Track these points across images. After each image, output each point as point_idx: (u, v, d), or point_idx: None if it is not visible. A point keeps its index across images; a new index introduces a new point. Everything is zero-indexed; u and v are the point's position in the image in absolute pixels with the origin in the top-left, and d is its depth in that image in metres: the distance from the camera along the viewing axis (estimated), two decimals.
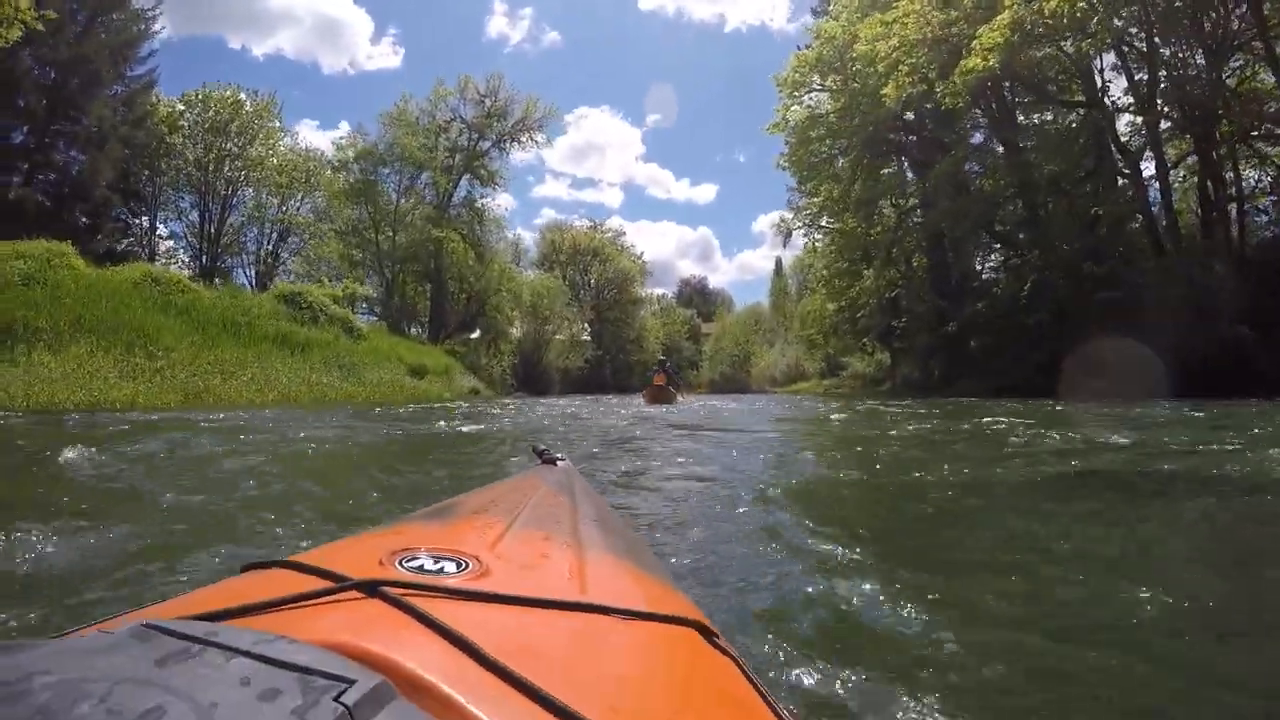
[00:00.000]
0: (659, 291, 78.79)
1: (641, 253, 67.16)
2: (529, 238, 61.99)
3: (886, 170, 27.52)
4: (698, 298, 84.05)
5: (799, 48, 30.16)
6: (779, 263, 68.06)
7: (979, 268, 31.29)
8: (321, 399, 17.16)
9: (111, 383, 12.63)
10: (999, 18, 19.63)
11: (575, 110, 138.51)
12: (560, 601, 0.73)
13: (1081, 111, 23.50)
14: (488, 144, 40.29)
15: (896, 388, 31.89)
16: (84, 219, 26.76)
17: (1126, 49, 21.98)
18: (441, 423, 10.32)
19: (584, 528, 1.14)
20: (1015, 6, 19.33)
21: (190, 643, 0.49)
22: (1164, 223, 21.56)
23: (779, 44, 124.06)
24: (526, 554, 0.90)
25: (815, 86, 29.48)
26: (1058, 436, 7.10)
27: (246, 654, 0.48)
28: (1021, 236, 26.04)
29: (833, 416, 12.64)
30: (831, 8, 29.51)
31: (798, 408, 17.79)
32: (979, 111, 28.23)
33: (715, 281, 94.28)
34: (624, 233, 67.88)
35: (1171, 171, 22.40)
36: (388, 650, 0.55)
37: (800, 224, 36.87)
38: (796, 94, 29.33)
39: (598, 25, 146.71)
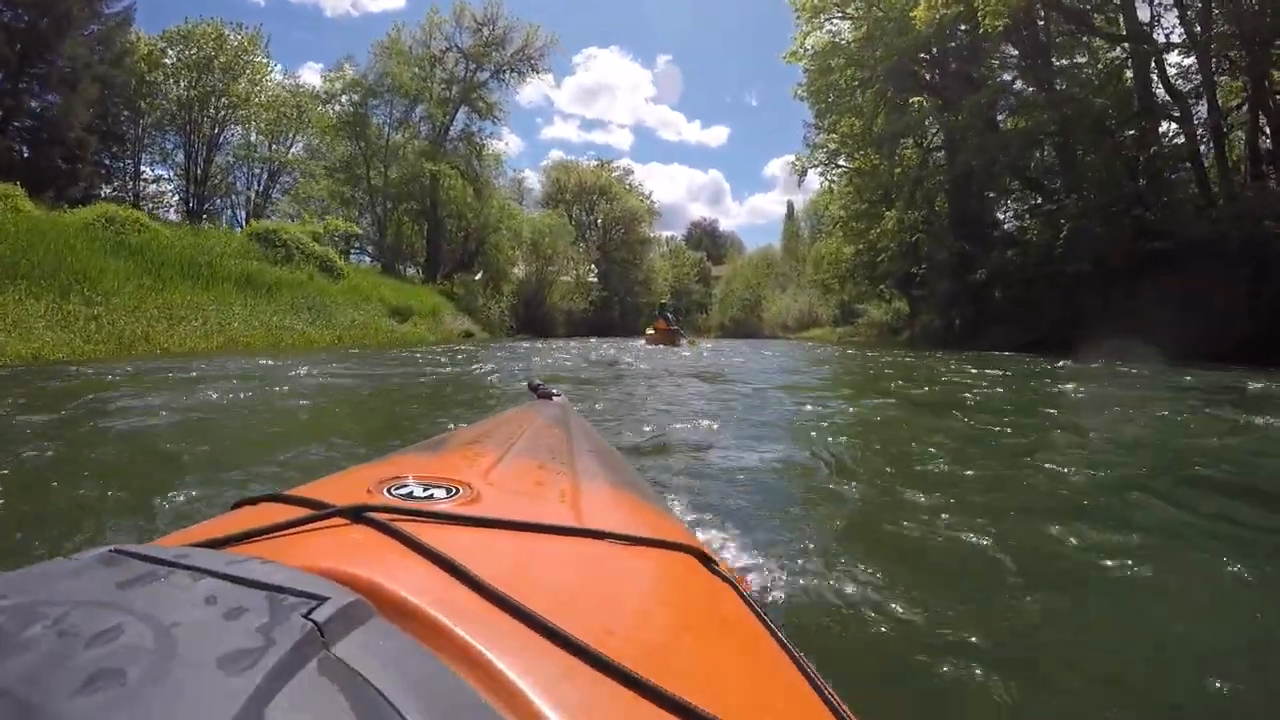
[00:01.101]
0: (668, 234, 76.90)
1: (650, 192, 65.19)
2: (534, 178, 59.65)
3: (915, 100, 25.04)
4: (708, 240, 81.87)
5: None
6: (790, 206, 66.52)
7: (1005, 214, 29.64)
8: (277, 344, 15.71)
9: (35, 334, 11.22)
10: None
11: (584, 51, 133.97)
12: (555, 526, 0.72)
13: (1126, 47, 21.40)
14: (486, 74, 38.12)
15: (915, 338, 30.58)
16: (61, 163, 24.98)
17: None
18: (390, 369, 9.20)
19: (580, 458, 1.10)
20: None
21: (158, 565, 0.48)
22: (1214, 173, 19.71)
23: None
24: (520, 482, 0.89)
25: (835, 14, 27.07)
26: (1103, 402, 6.39)
27: (216, 574, 0.47)
28: (1055, 184, 24.18)
29: (848, 370, 11.50)
30: None
31: (809, 357, 16.57)
32: (1009, 48, 26.21)
33: (726, 225, 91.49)
34: (632, 171, 65.85)
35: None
36: (370, 573, 0.54)
37: (817, 162, 34.92)
38: (816, 19, 26.94)
39: None
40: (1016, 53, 25.62)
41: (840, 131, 28.72)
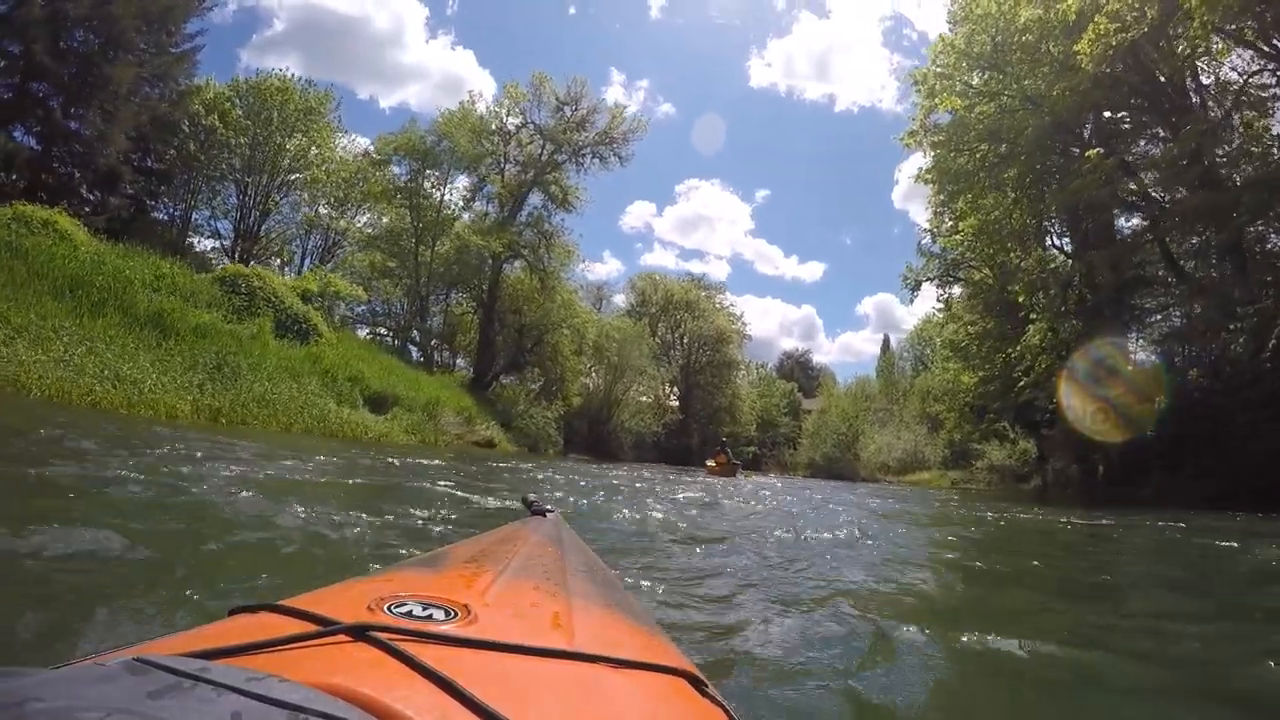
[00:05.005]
0: (758, 362, 71.67)
1: (741, 313, 60.34)
2: (622, 298, 55.59)
3: (1091, 154, 18.98)
4: (799, 371, 76.13)
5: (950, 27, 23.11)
6: (886, 340, 62.79)
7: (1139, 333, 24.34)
8: (87, 397, 10.49)
9: None
10: None
11: (686, 181, 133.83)
12: (549, 649, 0.73)
13: None
14: (563, 157, 34.72)
15: (1048, 485, 24.54)
16: (88, 190, 23.06)
17: None
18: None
19: (573, 578, 1.11)
20: None
21: (182, 678, 0.50)
22: None
23: (889, 124, 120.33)
24: (516, 603, 0.89)
25: (961, 85, 22.16)
26: None
27: (238, 691, 0.48)
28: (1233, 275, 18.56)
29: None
30: None
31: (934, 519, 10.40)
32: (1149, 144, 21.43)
33: (818, 360, 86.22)
34: (723, 290, 61.21)
35: None
36: (378, 693, 0.56)
37: (931, 274, 29.92)
38: (946, 86, 22.04)
39: (711, 100, 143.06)
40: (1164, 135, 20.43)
41: (972, 221, 23.15)
